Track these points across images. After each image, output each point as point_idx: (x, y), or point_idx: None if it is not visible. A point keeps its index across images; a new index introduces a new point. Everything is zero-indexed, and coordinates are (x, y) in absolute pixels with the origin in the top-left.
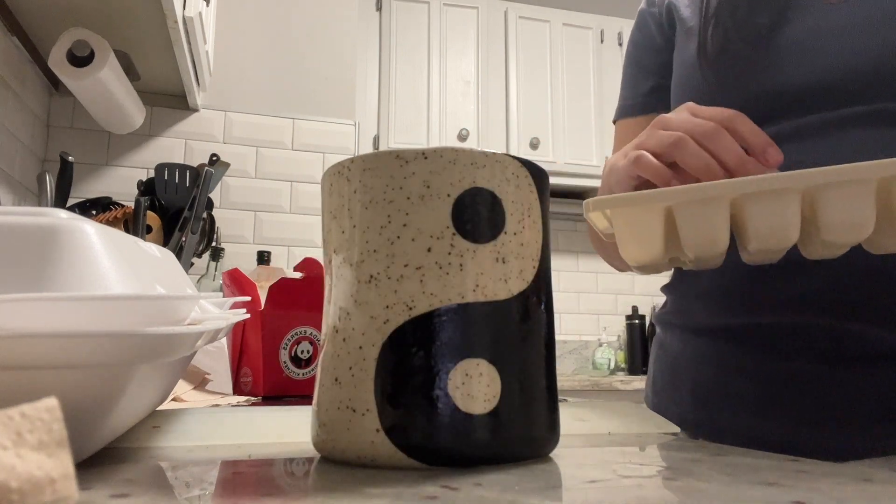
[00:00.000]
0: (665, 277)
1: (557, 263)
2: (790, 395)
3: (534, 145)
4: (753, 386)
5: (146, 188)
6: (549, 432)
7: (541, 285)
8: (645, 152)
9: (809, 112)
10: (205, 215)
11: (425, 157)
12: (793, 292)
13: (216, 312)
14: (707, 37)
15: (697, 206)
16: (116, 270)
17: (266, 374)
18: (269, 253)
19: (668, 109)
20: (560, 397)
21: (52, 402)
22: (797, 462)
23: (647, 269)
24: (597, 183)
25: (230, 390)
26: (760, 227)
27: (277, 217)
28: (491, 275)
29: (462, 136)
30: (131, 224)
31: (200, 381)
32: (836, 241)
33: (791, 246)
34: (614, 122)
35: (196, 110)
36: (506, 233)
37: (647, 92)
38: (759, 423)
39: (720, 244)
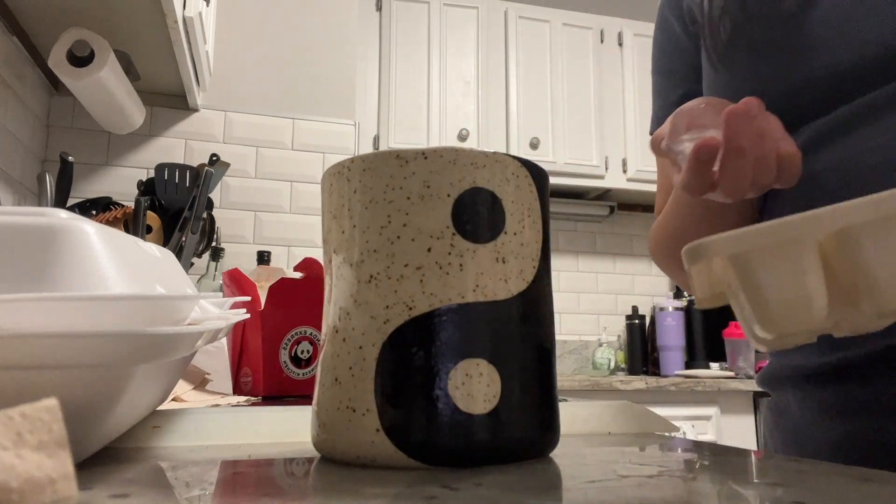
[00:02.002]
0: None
1: (557, 263)
2: None
3: (534, 145)
4: None
5: (146, 188)
6: (550, 432)
7: (541, 285)
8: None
9: (852, 98)
10: (205, 215)
11: (425, 157)
12: None
13: (216, 312)
14: (716, 29)
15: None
16: (116, 270)
17: (266, 374)
18: (269, 253)
19: None
20: (560, 397)
21: (52, 403)
22: (797, 462)
23: (811, 336)
24: (597, 183)
25: (230, 390)
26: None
27: (277, 217)
28: (491, 275)
29: (462, 136)
30: (131, 224)
31: (200, 381)
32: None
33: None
34: (651, 135)
35: (196, 110)
36: (506, 233)
37: (677, 101)
38: None
39: None
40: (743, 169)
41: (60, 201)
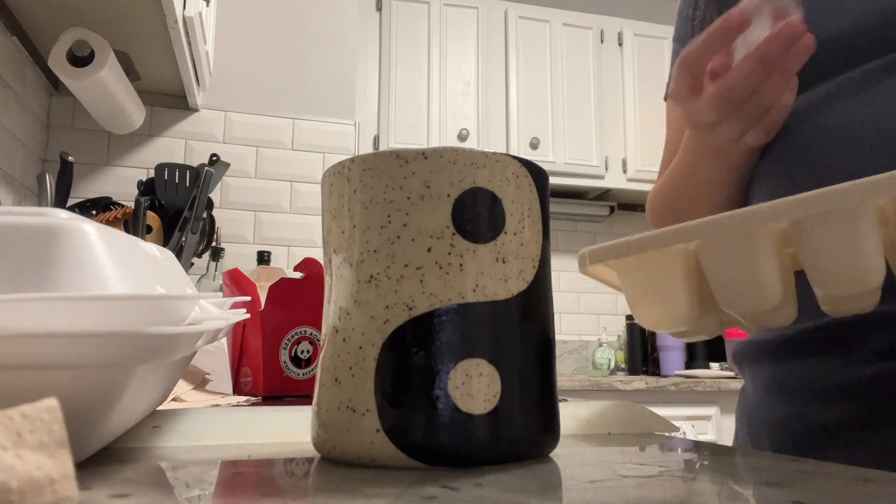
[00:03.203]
0: None
1: (557, 263)
2: (885, 411)
3: (534, 145)
4: (835, 410)
5: (146, 188)
6: (549, 432)
7: (541, 285)
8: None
9: (849, 66)
10: (205, 215)
11: (425, 157)
12: None
13: (216, 312)
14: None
15: (731, 246)
16: (116, 270)
17: (266, 374)
18: (269, 253)
19: None
20: (560, 397)
21: (52, 403)
22: (797, 462)
23: (686, 334)
24: (597, 183)
25: (230, 390)
26: (825, 264)
27: (277, 217)
28: (491, 275)
29: (462, 136)
30: (131, 224)
31: (200, 381)
32: None
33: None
34: (665, 100)
35: (196, 110)
36: (506, 233)
37: None
38: (849, 454)
39: (771, 294)
40: (752, 77)
41: (60, 201)
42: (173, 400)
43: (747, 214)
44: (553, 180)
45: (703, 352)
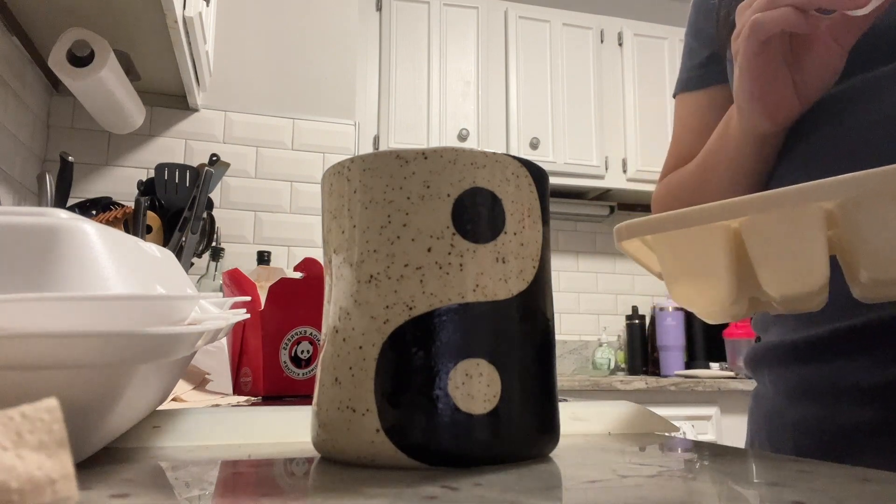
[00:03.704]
0: None
1: (557, 263)
2: None
3: (534, 145)
4: (865, 411)
5: (146, 188)
6: (549, 432)
7: (541, 285)
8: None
9: (886, 62)
10: (205, 215)
11: (425, 157)
12: None
13: (216, 312)
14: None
15: (780, 223)
16: (116, 270)
17: (266, 374)
18: (269, 253)
19: (728, 81)
20: (560, 397)
21: (52, 403)
22: (797, 462)
23: (715, 315)
24: (597, 183)
25: (230, 390)
26: (877, 244)
27: (277, 217)
28: (491, 275)
29: (462, 136)
30: (131, 224)
31: (200, 381)
32: None
33: None
34: (674, 97)
35: (196, 110)
36: (506, 233)
37: (702, 63)
38: (879, 457)
39: (817, 275)
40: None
41: (60, 201)
42: (173, 400)
43: (802, 190)
44: (553, 180)
45: (703, 352)
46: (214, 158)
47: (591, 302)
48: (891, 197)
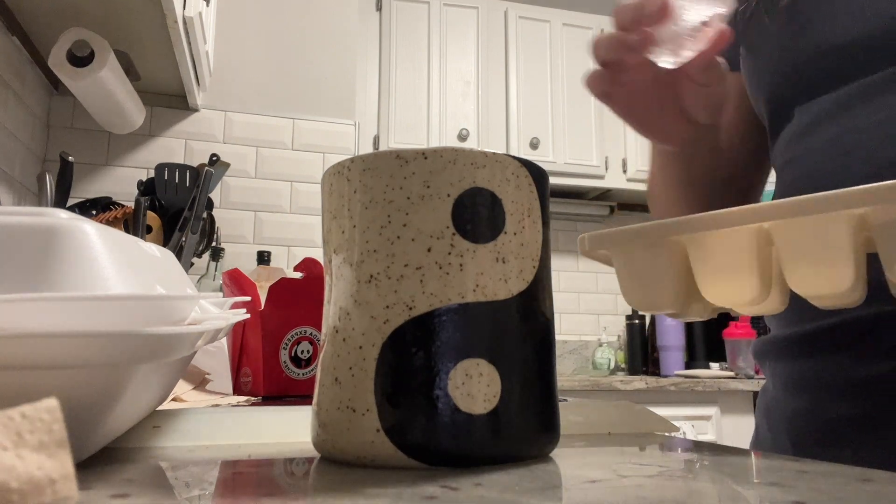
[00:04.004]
0: None
1: (557, 263)
2: None
3: (534, 145)
4: (851, 406)
5: (146, 188)
6: (550, 432)
7: (541, 285)
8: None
9: (863, 73)
10: (205, 215)
11: (425, 157)
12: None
13: (216, 312)
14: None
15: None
16: (116, 270)
17: (266, 374)
18: (269, 253)
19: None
20: (560, 397)
21: (52, 403)
22: (797, 462)
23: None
24: (597, 183)
25: (230, 390)
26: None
27: (277, 217)
28: (491, 275)
29: (462, 136)
30: (131, 224)
31: (200, 381)
32: None
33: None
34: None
35: (196, 110)
36: (506, 233)
37: None
38: (868, 455)
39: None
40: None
41: (60, 201)
42: (173, 400)
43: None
44: (553, 180)
45: (703, 352)
46: (214, 158)
47: (591, 302)
48: None
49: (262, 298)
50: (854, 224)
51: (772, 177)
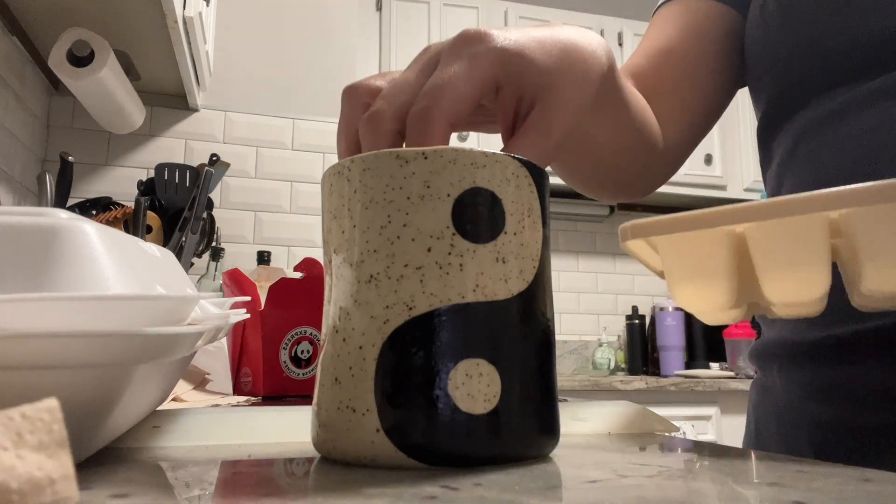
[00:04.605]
0: None
1: (557, 263)
2: None
3: None
4: (888, 413)
5: (146, 188)
6: (550, 432)
7: (541, 285)
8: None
9: (872, 77)
10: (205, 215)
11: (425, 157)
12: None
13: (216, 312)
14: None
15: (784, 229)
16: (116, 270)
17: (266, 374)
18: (269, 253)
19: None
20: (560, 397)
21: (52, 403)
22: (797, 462)
23: (714, 318)
24: None
25: (230, 390)
26: (878, 256)
27: (277, 217)
28: (491, 275)
29: (462, 136)
30: (131, 224)
31: (200, 381)
32: None
33: None
34: (654, 16)
35: (196, 110)
36: (506, 233)
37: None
38: None
39: (819, 284)
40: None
41: (60, 201)
42: (173, 400)
43: (810, 198)
44: (553, 180)
45: (703, 352)
46: (214, 158)
47: (591, 302)
48: (893, 210)
49: (262, 298)
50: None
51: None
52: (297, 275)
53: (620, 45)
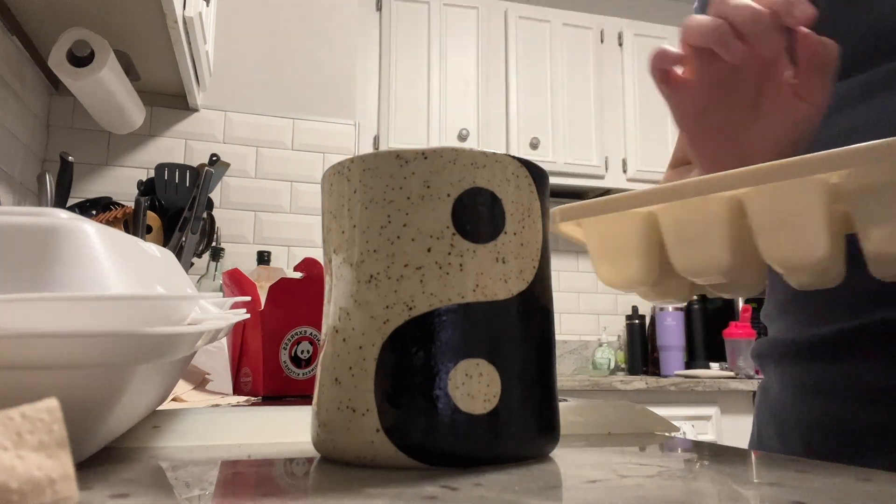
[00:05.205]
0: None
1: (557, 263)
2: None
3: (534, 145)
4: (877, 412)
5: (146, 188)
6: (549, 432)
7: (541, 285)
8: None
9: (877, 64)
10: (205, 215)
11: (425, 157)
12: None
13: (216, 312)
14: None
15: (687, 213)
16: (116, 270)
17: (266, 374)
18: (269, 253)
19: None
20: (560, 397)
21: (52, 403)
22: (797, 462)
23: (632, 289)
24: (597, 183)
25: (230, 390)
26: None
27: (277, 217)
28: (491, 275)
29: (462, 136)
30: (131, 224)
31: (200, 381)
32: None
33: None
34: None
35: (196, 110)
36: (506, 233)
37: None
38: (893, 460)
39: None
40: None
41: (60, 201)
42: (173, 400)
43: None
44: (553, 180)
45: (703, 352)
46: (214, 158)
47: (591, 302)
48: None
49: (262, 298)
50: (826, 191)
51: None
52: (297, 275)
53: (620, 45)
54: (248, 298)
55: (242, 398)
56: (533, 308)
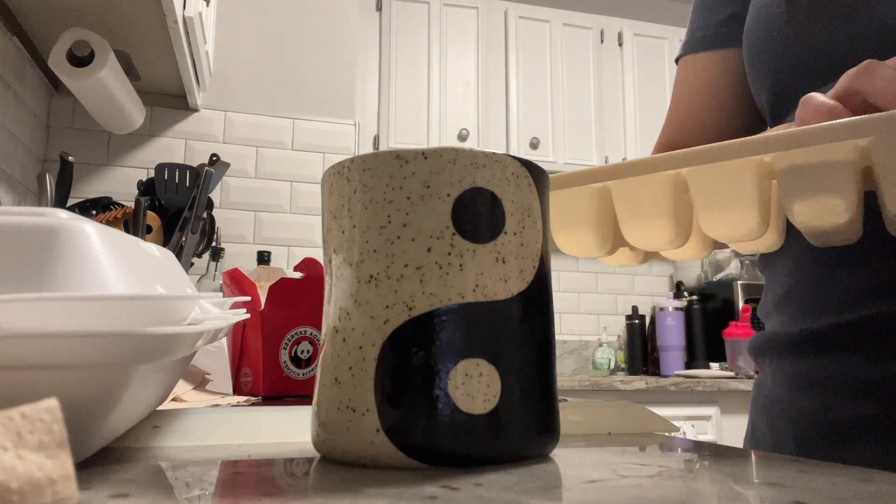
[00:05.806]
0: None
1: (557, 263)
2: None
3: (534, 145)
4: (863, 405)
5: (146, 188)
6: (550, 432)
7: (541, 285)
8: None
9: None
10: (205, 215)
11: (425, 157)
12: (883, 275)
13: (216, 312)
14: None
15: (636, 185)
16: (116, 270)
17: (266, 374)
18: (269, 253)
19: (741, 46)
20: (560, 397)
21: (52, 403)
22: (797, 462)
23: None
24: None
25: (230, 390)
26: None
27: (277, 217)
28: (491, 275)
29: (462, 136)
30: (131, 224)
31: (200, 381)
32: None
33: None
34: (676, 62)
35: (196, 110)
36: (506, 233)
37: (721, 21)
38: (880, 456)
39: (666, 232)
40: None
41: (60, 201)
42: (173, 400)
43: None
44: None
45: (703, 352)
46: (214, 158)
47: (591, 302)
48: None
49: (262, 298)
50: (760, 170)
51: None
52: (297, 275)
53: (620, 45)
54: (248, 298)
55: (242, 398)
56: (533, 308)
